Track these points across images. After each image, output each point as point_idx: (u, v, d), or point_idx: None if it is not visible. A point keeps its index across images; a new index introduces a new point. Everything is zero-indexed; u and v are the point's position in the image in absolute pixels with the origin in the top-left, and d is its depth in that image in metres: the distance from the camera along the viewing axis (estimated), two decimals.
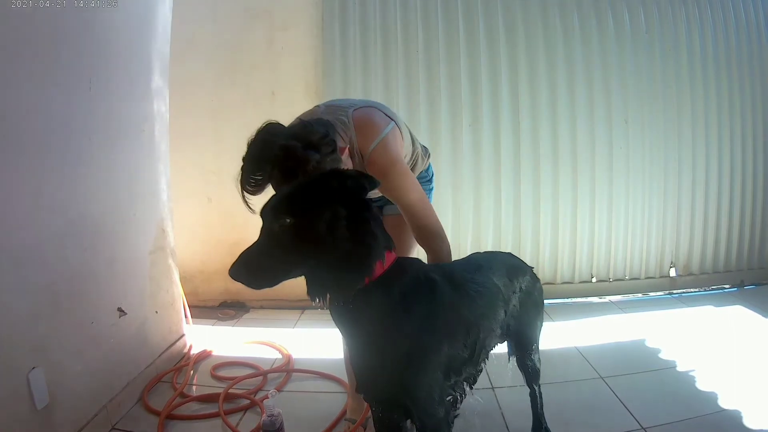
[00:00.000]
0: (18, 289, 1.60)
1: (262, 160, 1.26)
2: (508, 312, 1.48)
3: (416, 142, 1.74)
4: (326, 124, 1.38)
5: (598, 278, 3.59)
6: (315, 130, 1.31)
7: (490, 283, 1.43)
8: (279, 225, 1.08)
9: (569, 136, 3.42)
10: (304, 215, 1.08)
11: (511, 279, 1.52)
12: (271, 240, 1.09)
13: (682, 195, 3.57)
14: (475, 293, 1.35)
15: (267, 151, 1.25)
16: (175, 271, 2.69)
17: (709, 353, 2.55)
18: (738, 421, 1.92)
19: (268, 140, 1.27)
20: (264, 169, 1.26)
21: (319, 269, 1.11)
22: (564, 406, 2.07)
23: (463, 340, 1.28)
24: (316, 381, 2.41)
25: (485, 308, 1.37)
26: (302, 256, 1.09)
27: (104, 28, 2.05)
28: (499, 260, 1.57)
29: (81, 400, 1.87)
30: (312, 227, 1.08)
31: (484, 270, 1.46)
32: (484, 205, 3.43)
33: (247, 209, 1.34)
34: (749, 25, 3.53)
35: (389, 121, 1.55)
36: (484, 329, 1.36)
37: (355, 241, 1.11)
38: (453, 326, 1.25)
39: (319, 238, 1.08)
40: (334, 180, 1.13)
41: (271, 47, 3.32)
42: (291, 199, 1.12)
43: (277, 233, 1.08)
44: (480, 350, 1.36)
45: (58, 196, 1.79)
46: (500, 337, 1.51)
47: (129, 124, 2.29)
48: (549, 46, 3.36)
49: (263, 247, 1.10)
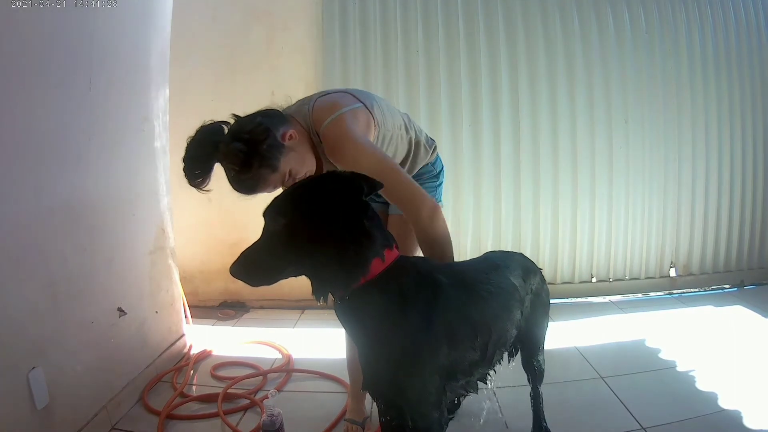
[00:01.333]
0: (18, 289, 1.60)
1: (195, 158, 1.40)
2: (523, 312, 1.48)
3: (413, 130, 1.71)
4: (265, 114, 1.46)
5: (598, 278, 3.59)
6: (246, 123, 1.40)
7: (506, 282, 1.42)
8: (276, 225, 1.14)
9: (569, 136, 3.42)
10: (299, 215, 1.13)
11: (525, 280, 1.52)
12: (270, 239, 1.16)
13: (682, 195, 3.57)
14: (486, 293, 1.33)
15: (199, 150, 1.39)
16: (175, 271, 2.69)
17: (709, 353, 2.55)
18: (738, 421, 1.92)
19: (201, 140, 1.40)
20: (198, 166, 1.40)
21: (316, 268, 1.16)
22: (564, 406, 2.07)
23: (471, 342, 1.27)
24: (316, 381, 2.41)
25: (498, 308, 1.36)
26: (297, 255, 1.14)
27: (104, 28, 2.04)
28: (513, 260, 1.57)
29: (81, 400, 1.87)
30: (307, 227, 1.13)
31: (502, 269, 1.46)
32: (484, 205, 3.43)
33: (203, 192, 1.48)
34: (749, 24, 3.53)
35: (356, 102, 1.52)
36: (497, 330, 1.34)
37: (349, 240, 1.14)
38: (456, 327, 1.24)
39: (314, 238, 1.12)
40: (330, 182, 1.17)
41: (271, 47, 3.32)
42: (287, 200, 1.18)
43: (274, 233, 1.14)
44: (493, 351, 1.35)
45: (57, 196, 1.79)
46: (515, 337, 1.50)
47: (129, 124, 2.29)
48: (549, 45, 3.36)
49: (262, 246, 1.16)
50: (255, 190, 1.43)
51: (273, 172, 1.39)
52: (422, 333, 1.18)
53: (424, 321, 1.19)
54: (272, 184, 1.42)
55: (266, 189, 1.43)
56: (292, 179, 1.44)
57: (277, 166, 1.39)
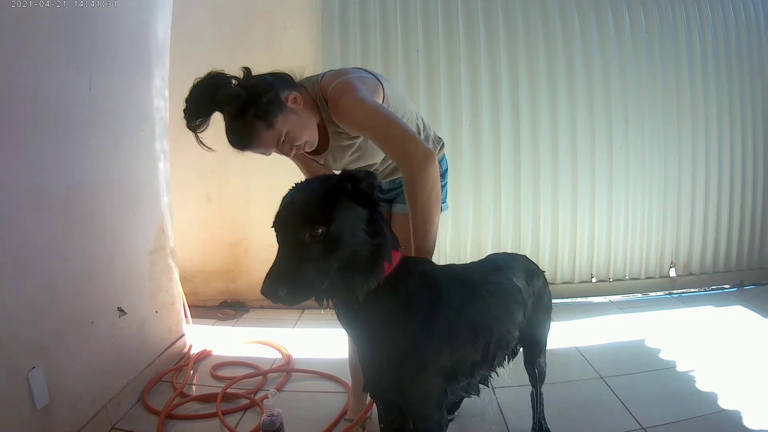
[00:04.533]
0: (18, 289, 1.60)
1: (197, 99, 1.36)
2: (526, 314, 1.48)
3: (421, 122, 1.70)
4: (275, 75, 1.45)
5: (598, 278, 3.59)
6: (253, 77, 1.40)
7: (508, 284, 1.43)
8: (310, 234, 1.04)
9: (569, 136, 3.42)
10: (333, 221, 1.06)
11: (528, 282, 1.52)
12: (303, 250, 1.04)
13: (682, 195, 3.57)
14: (488, 295, 1.34)
15: (202, 91, 1.35)
16: (175, 270, 2.69)
17: (709, 353, 2.55)
18: (738, 421, 1.92)
19: (207, 83, 1.35)
20: (199, 108, 1.36)
21: (337, 274, 1.09)
22: (564, 406, 2.07)
23: (471, 343, 1.27)
24: (316, 381, 2.41)
25: (499, 310, 1.36)
26: (334, 262, 1.07)
27: (105, 27, 2.04)
28: (517, 262, 1.57)
29: (81, 400, 1.87)
30: (341, 232, 1.07)
31: (504, 271, 1.46)
32: (484, 205, 3.43)
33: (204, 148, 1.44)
34: (749, 24, 3.53)
35: (368, 74, 1.53)
36: (498, 331, 1.34)
37: (371, 243, 1.11)
38: (458, 328, 1.24)
39: (346, 243, 1.08)
40: (348, 182, 1.12)
41: (271, 47, 3.32)
42: (316, 206, 1.08)
43: (307, 243, 1.04)
44: (495, 352, 1.34)
45: (57, 196, 1.79)
46: (518, 339, 1.50)
47: (129, 123, 2.28)
48: (549, 45, 3.35)
49: (296, 259, 1.04)
50: (246, 143, 1.39)
51: (268, 128, 1.36)
52: (426, 334, 1.19)
53: (427, 322, 1.19)
54: (265, 142, 1.39)
55: (259, 146, 1.39)
56: (288, 144, 1.42)
57: (273, 122, 1.36)
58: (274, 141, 1.39)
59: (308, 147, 1.48)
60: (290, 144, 1.42)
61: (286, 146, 1.42)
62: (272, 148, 1.42)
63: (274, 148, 1.42)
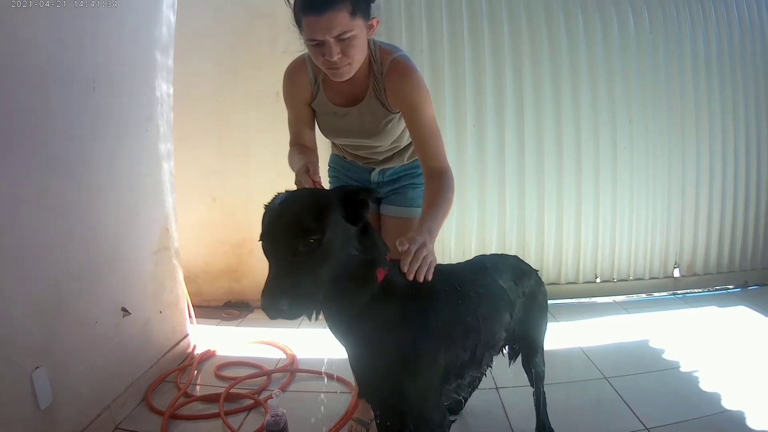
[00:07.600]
0: (21, 289, 1.60)
1: None
2: (513, 315, 1.48)
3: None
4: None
5: (602, 278, 3.58)
6: None
7: (494, 285, 1.43)
8: (304, 244, 1.00)
9: (573, 137, 3.41)
10: (326, 231, 1.02)
11: (516, 282, 1.52)
12: (298, 261, 0.99)
13: (686, 195, 3.56)
14: (476, 295, 1.34)
15: None
16: (178, 270, 2.69)
17: (713, 354, 2.54)
18: (741, 421, 1.92)
19: None
20: None
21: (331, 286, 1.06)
22: (568, 406, 2.07)
23: (462, 343, 1.28)
24: (320, 381, 2.40)
25: (487, 311, 1.37)
26: (329, 273, 1.03)
27: (108, 27, 2.05)
28: (505, 263, 1.57)
29: (84, 400, 1.87)
30: (334, 242, 1.03)
31: (489, 272, 1.46)
32: (488, 206, 3.43)
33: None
34: (753, 25, 3.52)
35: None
36: (486, 332, 1.35)
37: (363, 252, 1.11)
38: (450, 329, 1.25)
39: (339, 253, 1.05)
40: (341, 194, 1.10)
41: (274, 47, 3.31)
42: (310, 216, 1.03)
43: (302, 253, 0.99)
44: (482, 353, 1.35)
45: (61, 196, 1.80)
46: (505, 340, 1.50)
47: (132, 124, 2.29)
48: (553, 46, 3.34)
49: (293, 270, 0.99)
50: (321, 5, 1.27)
51: (351, 13, 1.28)
52: (421, 338, 1.19)
53: (422, 324, 1.19)
54: (336, 20, 1.27)
55: (331, 23, 1.27)
56: (344, 46, 1.32)
57: (355, 14, 1.29)
58: (340, 28, 1.28)
59: (348, 70, 1.40)
60: (345, 47, 1.33)
61: (340, 45, 1.32)
62: (333, 30, 1.29)
63: (333, 34, 1.29)
